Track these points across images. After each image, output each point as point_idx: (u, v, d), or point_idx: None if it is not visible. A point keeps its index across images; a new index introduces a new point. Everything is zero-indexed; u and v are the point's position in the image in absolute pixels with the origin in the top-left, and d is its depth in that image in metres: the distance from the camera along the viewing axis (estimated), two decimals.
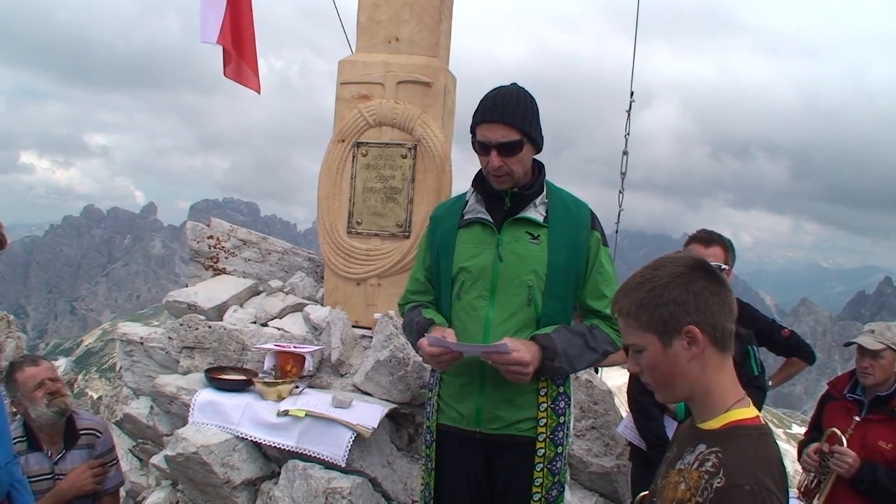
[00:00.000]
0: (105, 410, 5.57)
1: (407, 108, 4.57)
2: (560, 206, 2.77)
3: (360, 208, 4.67)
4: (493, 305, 2.67)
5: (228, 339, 4.36)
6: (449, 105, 4.74)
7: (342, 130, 4.67)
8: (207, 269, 5.21)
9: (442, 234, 2.82)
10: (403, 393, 3.99)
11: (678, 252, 1.89)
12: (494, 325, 2.66)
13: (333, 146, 4.71)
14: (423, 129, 4.53)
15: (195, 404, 3.88)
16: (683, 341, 1.58)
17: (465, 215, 2.79)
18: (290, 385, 3.94)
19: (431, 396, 2.88)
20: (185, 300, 4.73)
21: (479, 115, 2.63)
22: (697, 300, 1.58)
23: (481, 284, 2.68)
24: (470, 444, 2.72)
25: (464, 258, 2.72)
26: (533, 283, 2.67)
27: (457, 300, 2.73)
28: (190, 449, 3.65)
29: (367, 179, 4.65)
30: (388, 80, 4.62)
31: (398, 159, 4.59)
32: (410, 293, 2.99)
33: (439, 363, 2.63)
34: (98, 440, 3.39)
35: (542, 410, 2.69)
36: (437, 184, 4.53)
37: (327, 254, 4.75)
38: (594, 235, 2.78)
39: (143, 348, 4.57)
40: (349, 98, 4.69)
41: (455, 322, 2.73)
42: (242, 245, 5.23)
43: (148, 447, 4.45)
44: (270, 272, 5.20)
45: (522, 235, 2.69)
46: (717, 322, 1.59)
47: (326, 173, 4.72)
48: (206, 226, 5.29)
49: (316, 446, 3.65)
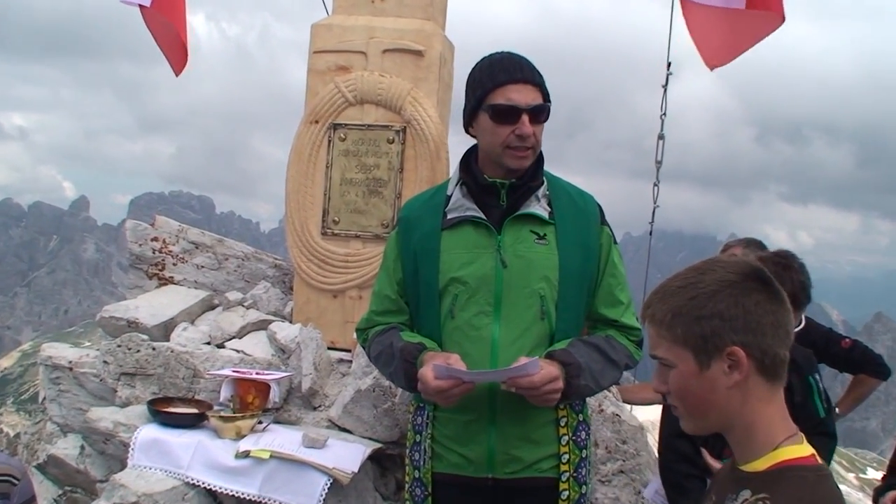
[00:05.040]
0: (24, 451, 5.55)
1: (394, 83, 4.58)
2: (564, 198, 2.79)
3: (338, 204, 4.68)
4: (500, 322, 2.67)
5: (177, 364, 4.36)
6: (445, 78, 4.76)
7: (315, 109, 4.68)
8: (151, 277, 5.20)
9: (420, 238, 2.80)
10: (390, 430, 3.99)
11: (732, 255, 1.89)
12: (503, 345, 2.66)
13: (305, 128, 4.72)
14: (414, 107, 4.55)
15: (136, 443, 3.87)
16: (724, 364, 1.59)
17: (448, 213, 2.78)
18: (251, 420, 3.94)
19: (421, 440, 2.84)
20: (123, 316, 4.72)
21: (500, 74, 2.65)
22: (748, 317, 1.59)
23: (482, 297, 2.68)
24: (478, 495, 2.71)
25: (455, 267, 2.71)
26: (545, 291, 2.68)
27: (449, 319, 2.72)
28: (130, 498, 3.64)
29: (346, 169, 4.66)
30: (371, 47, 4.63)
31: (384, 144, 4.61)
32: (377, 314, 2.96)
33: (448, 398, 2.57)
34: (14, 488, 3.37)
35: (564, 444, 2.71)
36: (431, 174, 4.54)
37: (297, 259, 4.75)
38: (605, 232, 2.81)
39: (72, 375, 4.56)
40: (324, 70, 4.70)
41: (450, 346, 2.72)
42: (194, 249, 5.23)
43: (77, 496, 4.45)
44: (228, 282, 5.20)
45: (527, 235, 2.70)
46: (769, 346, 1.59)
47: (296, 161, 4.73)
48: (149, 225, 5.29)
49: (283, 495, 3.64)
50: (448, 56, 4.82)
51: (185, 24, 5.32)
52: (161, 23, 5.30)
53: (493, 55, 2.72)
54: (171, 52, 5.44)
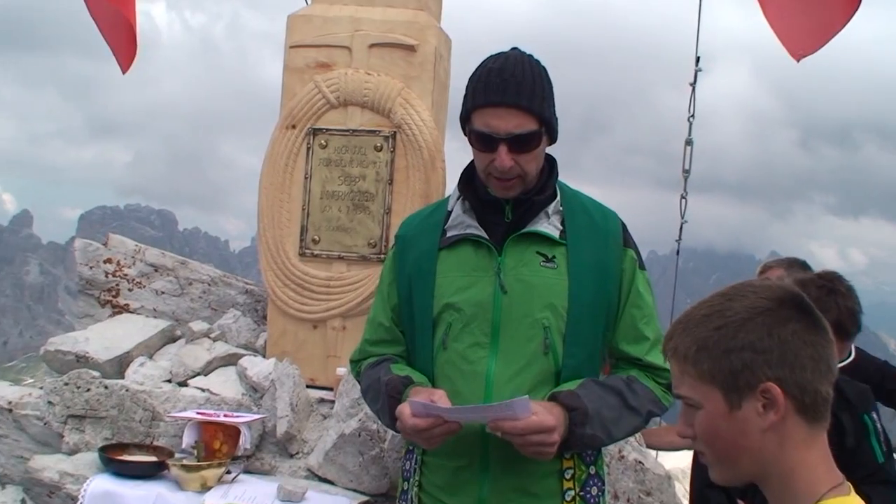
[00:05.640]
0: None
1: (383, 82, 4.61)
2: (581, 215, 2.79)
3: (318, 221, 4.69)
4: (496, 356, 2.67)
5: (133, 405, 4.36)
6: (441, 77, 4.79)
7: (292, 112, 4.71)
8: (104, 305, 5.21)
9: (416, 258, 2.82)
10: (378, 480, 3.98)
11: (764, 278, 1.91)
12: (499, 383, 2.66)
13: (280, 134, 4.74)
14: (406, 110, 4.57)
15: (85, 496, 3.85)
16: (758, 403, 1.60)
17: (447, 231, 2.80)
18: (218, 469, 3.93)
19: (409, 487, 2.86)
20: (71, 349, 4.72)
21: (480, 94, 2.64)
22: (784, 349, 1.60)
23: (478, 327, 2.68)
24: None
25: (450, 291, 2.72)
26: (550, 322, 2.67)
27: (441, 350, 2.73)
28: None
29: (328, 181, 4.68)
30: (356, 41, 4.67)
31: (370, 152, 4.63)
32: (370, 344, 2.99)
33: (429, 440, 2.58)
34: None
35: (569, 500, 2.70)
36: (425, 186, 4.56)
37: (271, 284, 4.76)
38: (628, 255, 2.80)
39: (11, 417, 4.55)
40: (302, 67, 4.73)
41: (441, 381, 2.72)
42: (153, 272, 5.24)
43: None
44: (192, 310, 5.20)
45: (532, 257, 2.70)
46: (808, 383, 1.60)
47: (270, 171, 4.74)
48: (101, 244, 5.30)
49: None
50: (444, 51, 4.85)
51: (135, 13, 5.28)
52: (106, 9, 5.25)
53: (487, 63, 2.67)
54: (118, 45, 5.39)
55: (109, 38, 5.35)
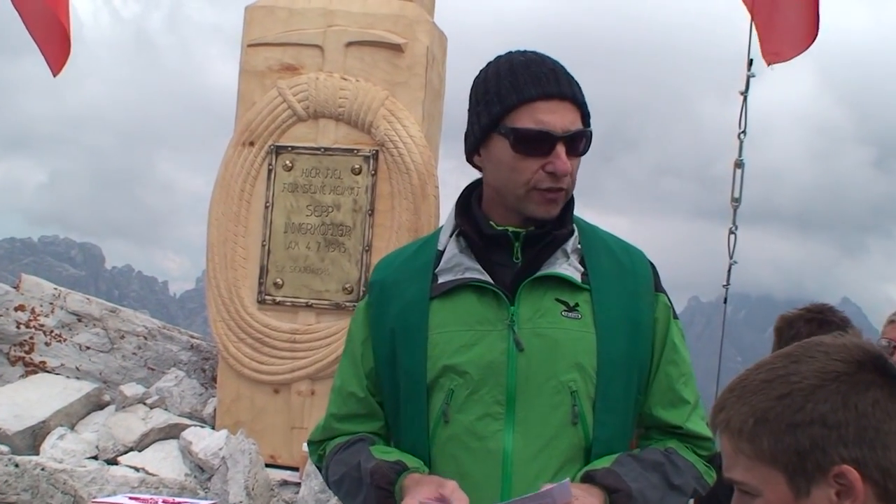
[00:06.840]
0: None
1: (363, 89, 4.63)
2: (604, 255, 2.79)
3: (281, 260, 4.71)
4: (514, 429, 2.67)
5: (49, 487, 4.35)
6: (434, 83, 4.80)
7: (250, 126, 4.73)
8: (14, 362, 5.20)
9: (400, 311, 2.78)
10: None
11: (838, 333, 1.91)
12: (520, 462, 2.64)
13: (235, 152, 4.76)
14: (391, 124, 4.58)
15: None
16: (831, 490, 1.61)
17: (439, 276, 2.78)
18: None
19: None
20: None
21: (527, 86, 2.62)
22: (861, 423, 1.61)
23: (489, 394, 2.67)
24: None
25: (449, 350, 2.70)
26: (578, 385, 2.67)
27: (442, 424, 2.72)
28: None
29: (294, 210, 4.70)
30: (329, 39, 4.67)
31: (347, 176, 4.64)
32: (337, 420, 2.92)
33: None
34: None
35: None
36: (414, 218, 4.56)
37: (222, 338, 4.76)
38: (661, 301, 2.80)
39: None
40: (263, 70, 4.76)
41: (443, 462, 2.71)
42: (76, 322, 5.24)
43: None
44: (124, 369, 5.20)
45: (552, 306, 2.70)
46: (893, 465, 1.61)
47: (223, 198, 4.76)
48: (12, 287, 5.31)
49: None
50: (438, 51, 4.85)
51: (67, 8, 5.37)
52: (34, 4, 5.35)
53: (512, 56, 2.69)
54: (47, 44, 5.49)
55: (38, 36, 5.43)
